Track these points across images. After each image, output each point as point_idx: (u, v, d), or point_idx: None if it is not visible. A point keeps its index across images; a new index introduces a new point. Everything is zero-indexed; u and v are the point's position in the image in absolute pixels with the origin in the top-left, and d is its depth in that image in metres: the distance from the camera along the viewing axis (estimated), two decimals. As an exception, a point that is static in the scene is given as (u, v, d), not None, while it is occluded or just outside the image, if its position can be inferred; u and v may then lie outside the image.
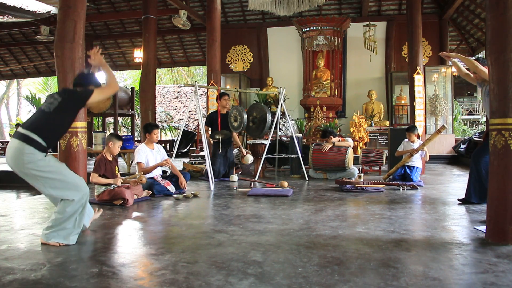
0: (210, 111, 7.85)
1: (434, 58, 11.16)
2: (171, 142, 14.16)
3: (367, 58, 10.65)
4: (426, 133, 8.61)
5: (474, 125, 20.07)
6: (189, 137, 13.36)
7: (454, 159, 9.20)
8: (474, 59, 3.99)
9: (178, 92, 18.74)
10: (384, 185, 5.24)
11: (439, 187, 5.45)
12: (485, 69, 3.89)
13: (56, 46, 3.53)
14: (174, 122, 16.54)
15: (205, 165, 6.29)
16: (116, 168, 4.46)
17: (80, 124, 4.04)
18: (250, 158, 6.55)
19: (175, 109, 17.58)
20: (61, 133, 2.94)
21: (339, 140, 6.45)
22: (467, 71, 4.28)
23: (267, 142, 6.40)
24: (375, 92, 10.80)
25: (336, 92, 10.08)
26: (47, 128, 2.76)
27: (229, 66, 12.15)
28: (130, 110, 11.51)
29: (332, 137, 6.43)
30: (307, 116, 10.17)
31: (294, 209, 3.96)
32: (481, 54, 13.27)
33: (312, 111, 9.61)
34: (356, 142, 8.82)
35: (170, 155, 5.74)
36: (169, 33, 13.17)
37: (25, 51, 14.87)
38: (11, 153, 2.68)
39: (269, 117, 6.27)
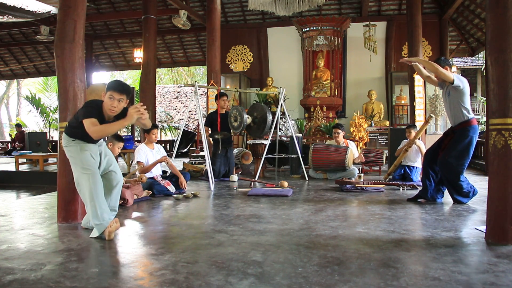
0: (210, 111, 7.85)
1: (434, 58, 11.12)
2: (171, 142, 14.17)
3: (367, 58, 10.64)
4: (426, 133, 8.60)
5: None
6: (189, 137, 13.37)
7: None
8: (435, 61, 4.00)
9: (178, 92, 18.75)
10: (384, 185, 5.24)
11: (439, 187, 5.43)
12: (445, 70, 3.91)
13: (56, 46, 3.51)
14: (174, 122, 16.54)
15: (205, 165, 6.29)
16: (116, 168, 4.47)
17: (80, 124, 4.04)
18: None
19: (175, 109, 17.58)
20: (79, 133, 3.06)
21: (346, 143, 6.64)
22: (428, 74, 4.29)
23: (267, 142, 6.40)
24: (375, 92, 10.80)
25: (336, 92, 10.07)
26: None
27: (229, 66, 12.14)
28: (130, 110, 11.49)
29: (339, 129, 6.56)
30: (307, 116, 10.17)
31: (294, 209, 3.96)
32: (481, 54, 13.26)
33: (312, 111, 9.61)
34: (356, 142, 8.82)
35: (170, 155, 5.74)
36: (169, 33, 13.17)
37: (25, 51, 14.86)
38: None
39: (270, 117, 6.28)
